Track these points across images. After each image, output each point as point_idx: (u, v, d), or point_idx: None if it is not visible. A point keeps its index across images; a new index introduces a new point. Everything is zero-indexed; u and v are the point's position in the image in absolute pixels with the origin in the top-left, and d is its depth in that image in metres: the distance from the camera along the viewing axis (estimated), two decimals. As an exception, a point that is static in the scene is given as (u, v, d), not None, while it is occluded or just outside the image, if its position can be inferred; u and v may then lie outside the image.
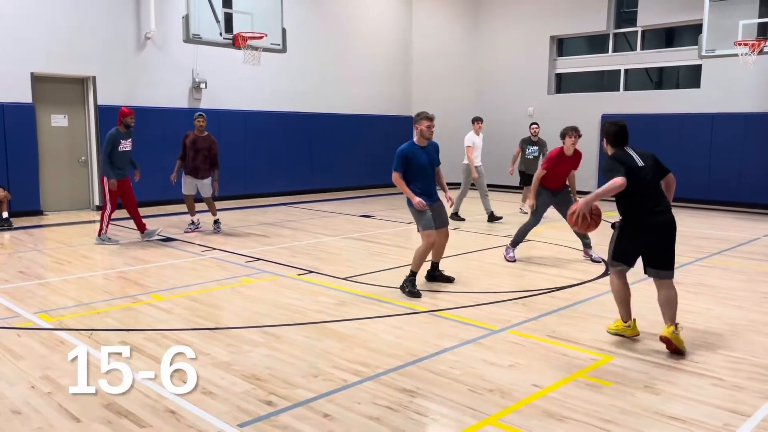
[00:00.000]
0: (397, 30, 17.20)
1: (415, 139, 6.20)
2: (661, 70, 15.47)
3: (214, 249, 8.34)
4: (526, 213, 12.00)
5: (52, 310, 5.53)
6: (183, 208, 12.28)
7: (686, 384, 3.97)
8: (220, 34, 10.60)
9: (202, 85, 13.00)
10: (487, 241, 9.08)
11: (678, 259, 7.27)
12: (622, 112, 14.44)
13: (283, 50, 11.62)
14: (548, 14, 15.93)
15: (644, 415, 3.53)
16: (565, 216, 8.30)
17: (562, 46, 16.44)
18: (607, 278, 6.79)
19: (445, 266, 7.48)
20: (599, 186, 4.75)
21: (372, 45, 16.51)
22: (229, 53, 11.71)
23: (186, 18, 10.27)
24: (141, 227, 8.83)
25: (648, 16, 14.45)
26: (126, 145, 8.56)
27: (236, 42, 10.68)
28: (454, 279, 6.62)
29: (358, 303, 5.85)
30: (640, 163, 4.63)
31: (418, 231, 6.22)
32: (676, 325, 4.50)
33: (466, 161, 11.06)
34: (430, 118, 6.12)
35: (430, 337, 4.85)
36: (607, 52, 15.54)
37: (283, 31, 11.44)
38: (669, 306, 4.59)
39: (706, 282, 6.74)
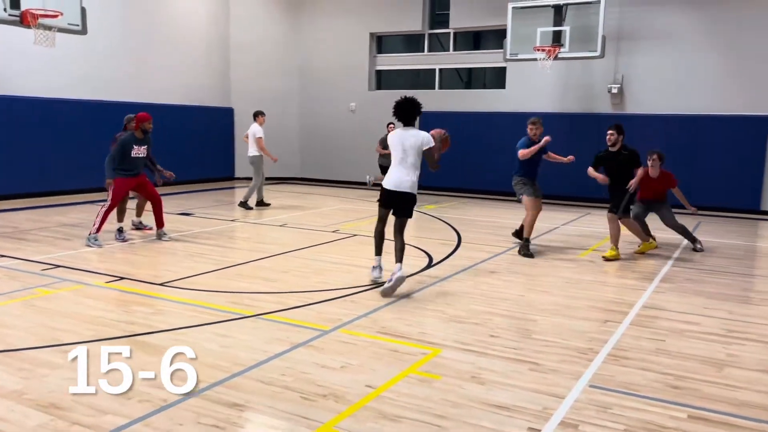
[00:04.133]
0: (214, 19, 16.39)
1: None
2: (470, 70, 16.49)
3: (2, 256, 7.24)
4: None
5: None
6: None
7: (508, 371, 4.16)
8: (5, 9, 9.24)
9: (-16, 68, 11.31)
10: (311, 238, 8.95)
11: (490, 249, 7.81)
12: (437, 109, 15.15)
13: (83, 32, 10.46)
14: (367, 11, 16.21)
15: (473, 407, 3.61)
16: None
17: (382, 43, 16.84)
18: (429, 271, 7.04)
19: (268, 265, 7.23)
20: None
21: (187, 33, 15.57)
22: (19, 33, 10.26)
23: (-41, -12, 8.80)
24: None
25: (459, 19, 15.29)
26: (140, 151, 8.10)
27: (24, 20, 9.37)
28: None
29: (178, 311, 5.39)
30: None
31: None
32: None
33: (256, 152, 11.62)
34: (532, 122, 8.15)
35: (259, 343, 4.59)
36: (423, 51, 16.21)
37: (83, 10, 10.30)
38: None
39: (517, 270, 7.22)
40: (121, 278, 6.40)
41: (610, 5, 12.44)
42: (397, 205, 6.13)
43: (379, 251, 6.42)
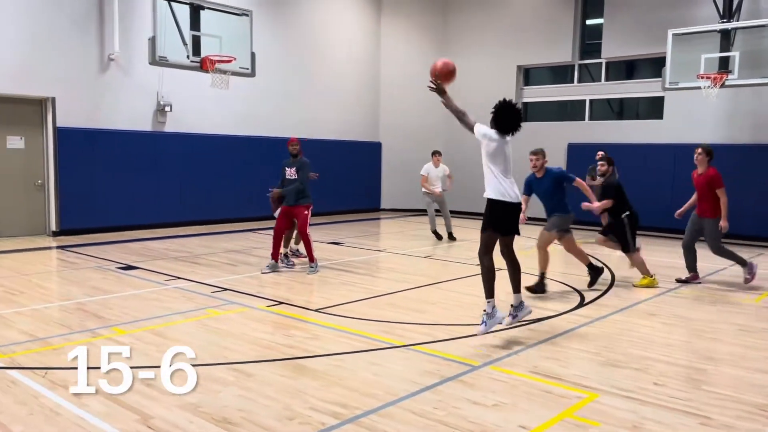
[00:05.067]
0: (366, 58, 17.21)
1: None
2: (621, 100, 15.80)
3: (179, 278, 8.01)
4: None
5: (3, 346, 5.15)
6: (145, 233, 11.92)
7: (675, 423, 3.86)
8: (188, 56, 10.41)
9: (167, 108, 12.70)
10: (455, 271, 8.96)
11: (648, 289, 7.38)
12: (587, 141, 14.66)
13: (252, 74, 11.48)
14: (515, 44, 16.15)
15: (637, 459, 3.40)
16: None
17: (529, 75, 16.67)
18: (581, 310, 6.76)
19: (416, 296, 7.33)
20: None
21: (340, 72, 16.47)
22: (195, 76, 11.51)
23: (152, 40, 10.06)
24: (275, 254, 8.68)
25: (612, 49, 14.76)
26: (291, 173, 8.55)
27: (204, 65, 10.50)
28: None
29: (333, 337, 5.62)
30: None
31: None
32: None
33: (423, 188, 12.23)
34: (533, 153, 7.53)
35: (410, 374, 4.66)
36: (572, 82, 15.81)
37: (252, 55, 11.32)
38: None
39: (680, 314, 6.72)
40: (280, 303, 6.81)
41: (786, 26, 11.39)
42: (513, 222, 5.48)
43: (492, 292, 5.37)
